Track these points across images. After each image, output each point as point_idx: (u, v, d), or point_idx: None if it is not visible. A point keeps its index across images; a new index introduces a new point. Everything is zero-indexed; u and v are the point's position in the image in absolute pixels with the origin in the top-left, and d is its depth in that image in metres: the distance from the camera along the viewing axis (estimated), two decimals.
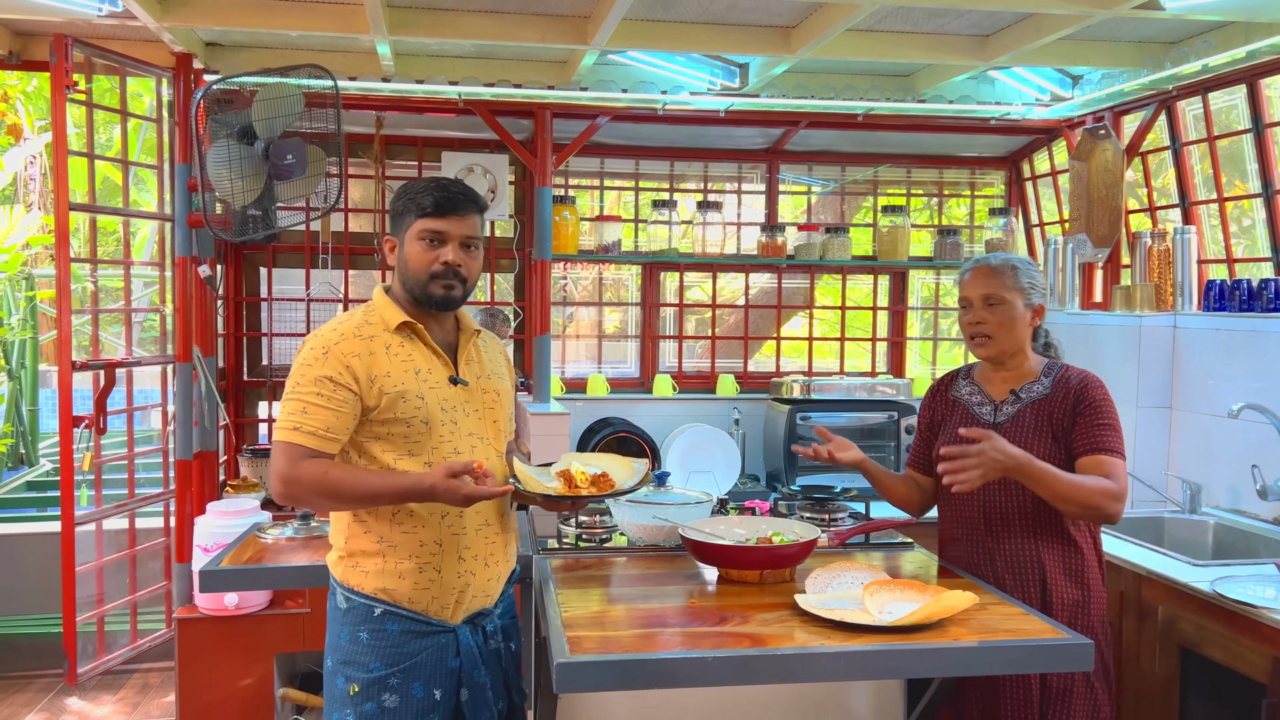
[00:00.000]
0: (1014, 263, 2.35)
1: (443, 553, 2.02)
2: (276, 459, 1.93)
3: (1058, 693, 2.24)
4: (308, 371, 1.96)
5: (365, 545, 2.03)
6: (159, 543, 3.71)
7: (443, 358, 2.08)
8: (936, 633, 1.91)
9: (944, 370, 4.79)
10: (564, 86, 3.79)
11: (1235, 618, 2.40)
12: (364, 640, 2.01)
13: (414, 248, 2.02)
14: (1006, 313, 2.31)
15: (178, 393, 3.58)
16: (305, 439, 1.92)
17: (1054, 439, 2.28)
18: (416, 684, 2.00)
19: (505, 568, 2.16)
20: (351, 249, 4.21)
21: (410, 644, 2.00)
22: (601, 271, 4.55)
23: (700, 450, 3.98)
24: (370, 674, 1.99)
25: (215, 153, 3.12)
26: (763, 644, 1.85)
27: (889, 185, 4.73)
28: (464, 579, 2.04)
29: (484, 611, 2.10)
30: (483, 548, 2.08)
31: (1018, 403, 2.35)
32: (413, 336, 2.06)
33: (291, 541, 2.71)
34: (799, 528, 2.39)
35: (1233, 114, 3.66)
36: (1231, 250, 3.64)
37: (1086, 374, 2.33)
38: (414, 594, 2.01)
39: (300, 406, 1.94)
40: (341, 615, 2.04)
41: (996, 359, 2.37)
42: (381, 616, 2.00)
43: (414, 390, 2.00)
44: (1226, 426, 3.29)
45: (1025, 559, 2.29)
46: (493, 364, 2.20)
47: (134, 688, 3.76)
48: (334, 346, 1.98)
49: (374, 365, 1.98)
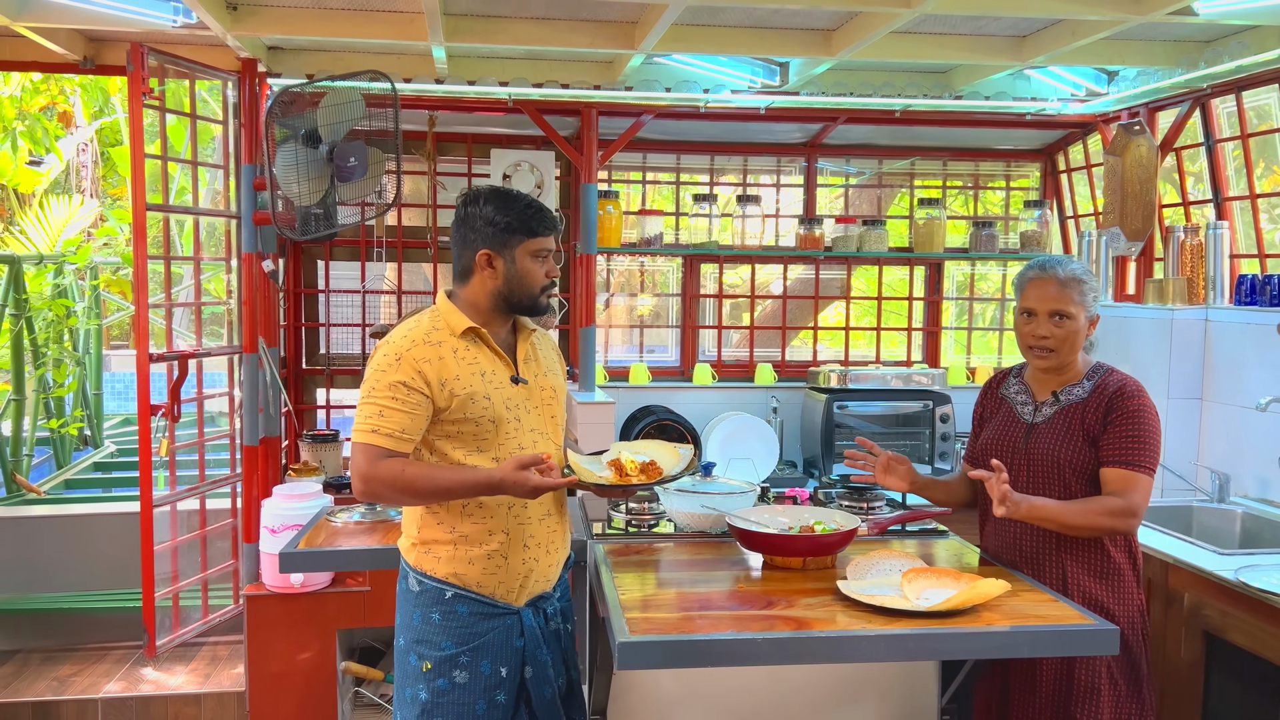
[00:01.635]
0: (1079, 275, 2.35)
1: (510, 541, 2.18)
2: (356, 460, 2.09)
3: (1085, 691, 2.29)
4: (382, 377, 2.11)
5: (438, 534, 2.19)
6: (227, 523, 3.92)
7: (504, 359, 2.22)
8: (970, 618, 2.04)
9: (978, 359, 4.91)
10: (609, 86, 3.92)
11: (1259, 605, 2.51)
12: (436, 621, 2.17)
13: (528, 264, 2.19)
14: (1071, 327, 2.34)
15: (244, 381, 3.77)
16: (383, 440, 2.07)
17: (1085, 442, 2.34)
18: (485, 661, 2.16)
19: (564, 554, 2.32)
20: (405, 243, 4.37)
21: (479, 624, 2.17)
22: (643, 262, 4.69)
23: (739, 438, 4.12)
24: (442, 652, 2.16)
25: (283, 156, 3.29)
26: (807, 627, 1.99)
27: (925, 178, 4.82)
28: (528, 565, 2.21)
29: (545, 595, 2.26)
30: (545, 536, 2.24)
31: (1056, 405, 2.41)
32: (477, 340, 2.20)
33: (360, 525, 2.89)
34: (839, 517, 2.53)
35: (1267, 110, 3.72)
36: (1264, 245, 3.71)
37: (1125, 381, 2.36)
38: (483, 579, 2.17)
39: (377, 410, 2.08)
40: (414, 597, 2.21)
41: (1053, 370, 2.41)
42: (452, 599, 2.17)
43: (481, 392, 2.15)
44: (1256, 418, 3.38)
45: (1045, 560, 2.36)
46: (548, 361, 2.35)
47: (204, 659, 3.98)
48: (406, 353, 2.12)
49: (444, 369, 2.12)
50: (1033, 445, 2.41)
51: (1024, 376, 2.53)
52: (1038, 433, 2.40)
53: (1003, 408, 2.54)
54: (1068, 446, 2.36)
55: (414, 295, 4.45)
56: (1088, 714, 2.30)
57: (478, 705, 2.16)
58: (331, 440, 4.20)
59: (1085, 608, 2.26)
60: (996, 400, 2.58)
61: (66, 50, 3.62)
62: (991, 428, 2.52)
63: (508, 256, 2.18)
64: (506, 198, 2.19)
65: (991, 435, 2.51)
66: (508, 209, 2.17)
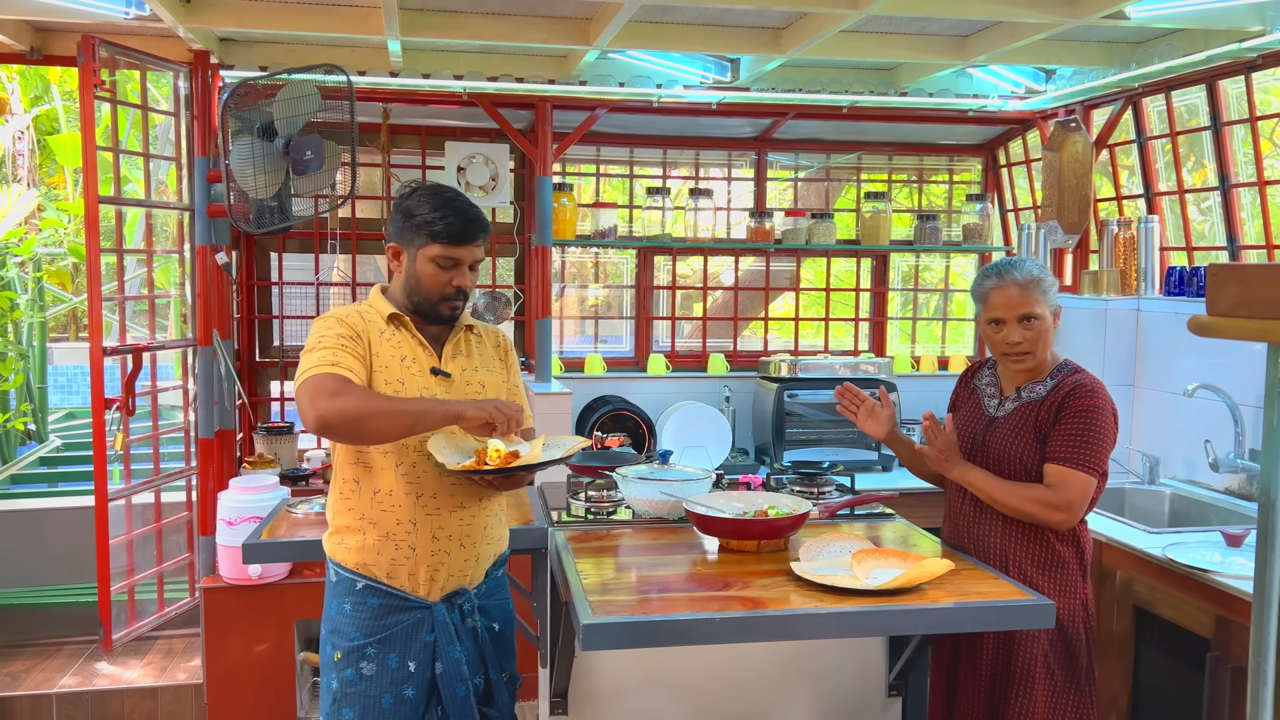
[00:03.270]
0: (1036, 275, 2.38)
1: (417, 531, 2.17)
2: (315, 387, 1.98)
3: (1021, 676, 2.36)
4: (329, 330, 2.12)
5: (348, 522, 2.20)
6: (182, 516, 3.91)
7: (428, 349, 2.23)
8: (916, 595, 2.14)
9: (922, 348, 5.05)
10: (564, 81, 3.97)
11: (1184, 580, 2.66)
12: (347, 611, 2.18)
13: (427, 269, 2.16)
14: (1041, 327, 2.38)
15: (199, 375, 3.76)
16: (344, 372, 2.03)
17: (1035, 440, 2.39)
18: (392, 654, 2.16)
19: (485, 549, 2.29)
20: (359, 234, 4.38)
21: (388, 617, 2.17)
22: (597, 254, 4.75)
23: (693, 426, 4.21)
24: (351, 642, 2.17)
25: (239, 149, 3.29)
26: (762, 606, 2.08)
27: (871, 171, 4.95)
28: (438, 558, 2.19)
29: (461, 590, 2.23)
30: (457, 529, 2.22)
31: (1017, 400, 2.47)
32: (401, 328, 2.22)
33: (320, 516, 2.91)
34: (791, 501, 2.62)
35: (1196, 109, 3.89)
36: (1191, 239, 3.89)
37: (1082, 380, 2.39)
38: (392, 569, 2.17)
39: (330, 352, 2.06)
40: (332, 588, 2.24)
41: (1033, 370, 2.45)
42: (363, 590, 2.17)
43: (396, 375, 2.16)
44: (1184, 403, 3.54)
45: (991, 546, 2.45)
46: (484, 358, 2.32)
47: (160, 653, 3.97)
48: (344, 318, 2.16)
49: (372, 341, 2.16)
50: (990, 439, 2.48)
51: (996, 369, 2.59)
52: (996, 427, 2.48)
53: (972, 398, 2.62)
54: (1019, 443, 2.42)
55: (367, 287, 4.46)
56: (1022, 699, 2.37)
57: (384, 699, 2.15)
58: (286, 433, 4.21)
59: None
60: (969, 389, 2.65)
61: (13, 40, 3.57)
62: (959, 417, 2.61)
63: (410, 254, 2.19)
64: (432, 197, 2.16)
65: (956, 425, 2.58)
66: (423, 208, 2.15)
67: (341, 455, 2.21)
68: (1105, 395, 2.39)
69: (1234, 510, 3.26)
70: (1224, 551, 2.69)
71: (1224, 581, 2.52)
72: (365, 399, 2.01)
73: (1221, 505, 3.32)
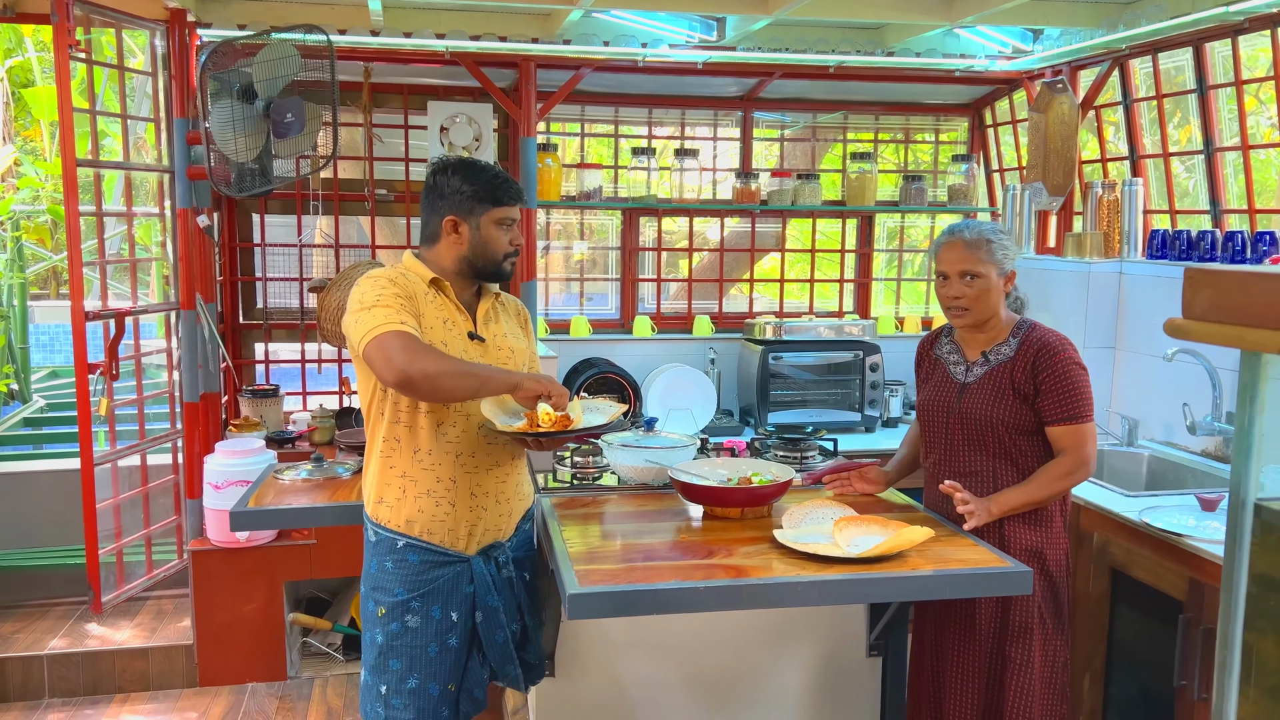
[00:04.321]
0: (988, 235, 2.46)
1: (456, 488, 2.27)
2: (394, 343, 2.06)
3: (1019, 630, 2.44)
4: (384, 290, 2.17)
5: (390, 480, 2.28)
6: (169, 479, 3.92)
7: (465, 314, 2.32)
8: (897, 563, 2.18)
9: (907, 309, 5.08)
10: (548, 40, 3.92)
11: (1159, 543, 2.71)
12: (390, 569, 2.27)
13: (493, 232, 2.29)
14: (983, 285, 2.45)
15: (183, 338, 3.75)
16: (414, 332, 2.12)
17: (1016, 399, 2.45)
18: (435, 607, 2.27)
19: (518, 504, 2.41)
20: (341, 195, 4.35)
21: (429, 572, 2.27)
22: (582, 214, 4.73)
23: (679, 389, 4.23)
24: (395, 598, 2.27)
25: (218, 111, 3.25)
26: (745, 574, 2.12)
27: (857, 131, 4.92)
28: (475, 513, 2.30)
29: (496, 544, 2.35)
30: (493, 486, 2.33)
31: (986, 364, 2.52)
32: (440, 293, 2.30)
33: (308, 483, 2.93)
34: (775, 468, 2.65)
35: (1183, 74, 3.88)
36: (1175, 202, 3.90)
37: (1048, 338, 2.46)
38: (432, 525, 2.26)
39: (394, 310, 2.13)
40: (372, 547, 2.32)
41: (974, 327, 2.53)
42: (404, 548, 2.26)
43: (440, 336, 2.24)
44: (1163, 367, 3.58)
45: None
46: (509, 325, 2.44)
47: (150, 613, 4.00)
48: (395, 279, 2.22)
49: (418, 302, 2.23)
50: (965, 405, 2.52)
51: (954, 336, 2.64)
52: (969, 392, 2.52)
53: (937, 368, 2.65)
54: (999, 405, 2.47)
55: (351, 249, 4.44)
56: (1020, 652, 2.44)
57: (430, 648, 2.26)
58: (272, 395, 4.21)
59: (1022, 552, 2.43)
60: (931, 361, 2.69)
61: None
62: (928, 389, 2.64)
63: (473, 223, 2.28)
64: (474, 168, 2.30)
65: (928, 396, 2.62)
66: (475, 178, 2.28)
67: (383, 418, 2.27)
68: (1071, 345, 2.48)
69: (1210, 473, 3.32)
70: (1198, 515, 2.74)
71: (1197, 545, 2.57)
72: (442, 359, 2.12)
73: (1198, 468, 3.37)
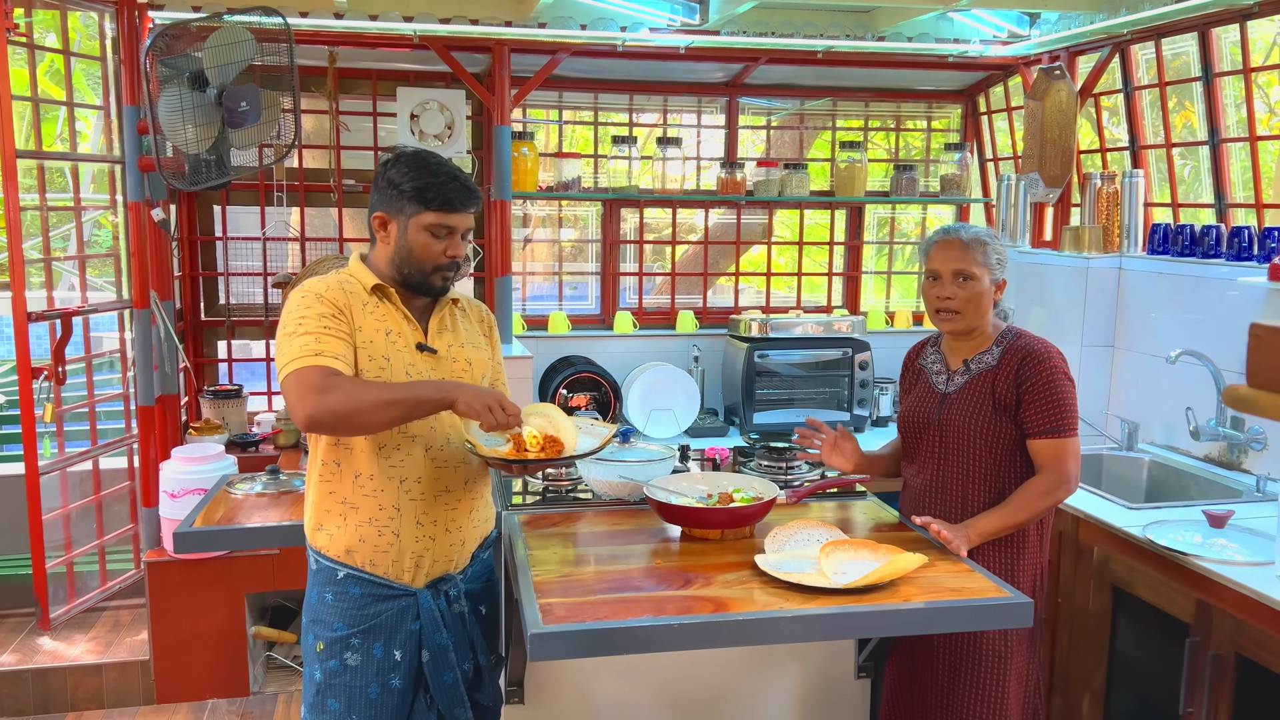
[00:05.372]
0: (983, 237, 2.37)
1: (401, 517, 2.08)
2: (301, 383, 1.88)
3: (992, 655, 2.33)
4: (310, 310, 1.99)
5: (329, 506, 2.09)
6: (124, 486, 3.73)
7: (413, 323, 2.12)
8: (888, 593, 2.02)
9: (897, 303, 4.91)
10: (521, 22, 3.72)
11: (1164, 561, 2.55)
12: (329, 601, 2.09)
13: (421, 238, 2.05)
14: (974, 289, 2.35)
15: (136, 339, 3.55)
16: (328, 362, 1.92)
17: (995, 411, 2.35)
18: (377, 644, 2.08)
19: (472, 533, 2.21)
20: (307, 186, 4.15)
21: (371, 606, 2.08)
22: (561, 207, 4.54)
23: (661, 389, 4.06)
24: (334, 633, 2.08)
25: (166, 100, 3.04)
26: (725, 607, 1.95)
27: (847, 118, 4.74)
28: (422, 544, 2.10)
29: (447, 576, 2.15)
30: (443, 514, 2.13)
31: (967, 373, 2.42)
32: (385, 300, 2.10)
33: (261, 497, 2.76)
34: (758, 484, 2.49)
35: (1186, 60, 3.70)
36: (1177, 195, 3.74)
37: (1033, 346, 2.36)
38: (375, 556, 2.07)
39: (312, 338, 1.94)
40: (313, 575, 2.14)
41: (961, 333, 2.42)
42: (345, 579, 2.08)
43: (381, 351, 2.05)
44: (1164, 366, 3.43)
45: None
46: (469, 333, 2.22)
47: (105, 626, 3.82)
48: (324, 293, 2.03)
49: (354, 315, 2.04)
50: (945, 415, 2.42)
51: (940, 345, 2.54)
52: (950, 402, 2.41)
53: (920, 379, 2.55)
54: (978, 416, 2.36)
55: (319, 242, 4.24)
56: (994, 676, 2.35)
57: (370, 689, 2.08)
58: (234, 396, 4.03)
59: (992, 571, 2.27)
60: (916, 371, 2.59)
61: None
62: (910, 400, 2.52)
63: (400, 224, 2.06)
64: (420, 164, 2.05)
65: (910, 407, 2.52)
66: (412, 175, 2.04)
67: (320, 439, 2.09)
68: (1059, 354, 2.37)
69: (1214, 480, 3.17)
70: (1206, 532, 2.59)
71: (1205, 566, 2.42)
72: (354, 392, 1.90)
73: (1201, 474, 3.23)
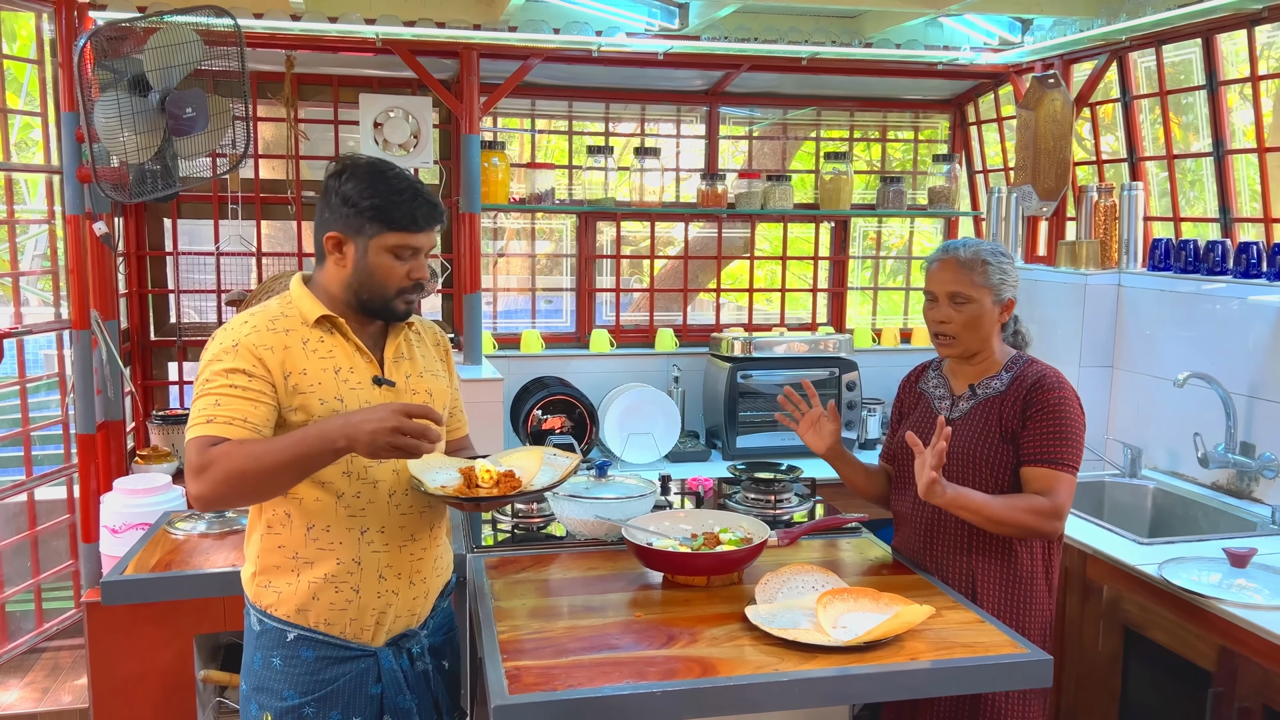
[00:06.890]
0: (984, 256, 2.19)
1: (361, 571, 1.86)
2: (189, 460, 1.69)
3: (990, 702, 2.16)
4: (217, 366, 1.76)
5: (277, 560, 1.86)
6: (63, 520, 3.48)
7: (367, 355, 1.89)
8: (893, 650, 1.83)
9: (884, 321, 4.73)
10: (491, 26, 3.52)
11: (1181, 603, 2.37)
12: (277, 666, 1.86)
13: (383, 260, 1.82)
14: (973, 312, 2.18)
15: (76, 362, 3.31)
16: (219, 428, 1.69)
17: (1001, 439, 2.17)
18: (334, 713, 1.86)
19: (435, 583, 2.00)
20: (264, 198, 3.91)
21: (326, 671, 1.86)
22: (534, 218, 4.33)
23: (639, 411, 3.85)
24: (284, 703, 1.85)
25: (104, 105, 2.81)
26: (712, 670, 1.75)
27: (831, 128, 4.56)
28: (385, 599, 1.89)
29: (409, 632, 1.94)
30: (407, 565, 1.92)
31: (973, 399, 2.24)
32: (334, 331, 1.86)
33: (205, 538, 2.54)
34: (746, 523, 2.29)
35: (1187, 68, 3.55)
36: (1179, 209, 3.58)
37: (1045, 374, 2.19)
38: (331, 616, 1.85)
39: (212, 400, 1.72)
40: (255, 638, 1.89)
41: (962, 359, 2.26)
42: (295, 642, 1.85)
43: (332, 391, 1.82)
44: (1167, 388, 3.27)
45: (954, 564, 2.22)
46: (426, 360, 2.00)
47: (43, 669, 3.55)
48: (244, 339, 1.78)
49: (289, 360, 1.79)
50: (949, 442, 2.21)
51: (943, 369, 2.36)
52: (954, 428, 2.21)
53: (921, 402, 2.37)
54: (983, 443, 2.19)
55: (276, 257, 4.01)
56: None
57: None
58: (185, 421, 3.77)
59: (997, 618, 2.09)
60: (915, 394, 2.40)
61: None
62: (909, 423, 2.33)
63: (359, 245, 1.82)
64: (377, 178, 1.81)
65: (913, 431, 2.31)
66: (371, 190, 1.79)
67: None
68: (1070, 387, 2.21)
69: (1224, 510, 3.00)
70: (1226, 572, 2.40)
71: (1228, 610, 2.24)
72: (234, 464, 1.64)
73: (1210, 504, 3.06)
